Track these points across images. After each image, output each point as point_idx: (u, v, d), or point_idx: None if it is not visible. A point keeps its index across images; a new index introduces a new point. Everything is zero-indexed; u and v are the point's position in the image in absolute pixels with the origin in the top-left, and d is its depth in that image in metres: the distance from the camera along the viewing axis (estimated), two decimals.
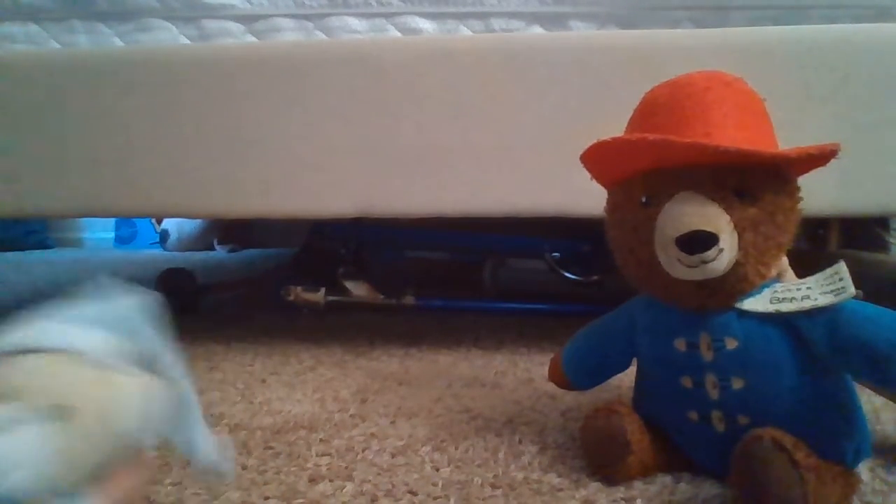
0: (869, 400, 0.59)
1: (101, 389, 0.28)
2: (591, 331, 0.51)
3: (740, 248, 0.39)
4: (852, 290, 0.38)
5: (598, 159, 0.43)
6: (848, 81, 0.67)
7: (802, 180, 0.42)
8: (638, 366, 0.48)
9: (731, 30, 0.70)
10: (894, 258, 1.59)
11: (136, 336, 0.29)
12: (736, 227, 0.38)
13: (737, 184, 0.39)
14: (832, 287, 0.38)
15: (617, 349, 0.49)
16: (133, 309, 0.29)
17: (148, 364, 0.29)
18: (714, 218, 0.38)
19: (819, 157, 0.39)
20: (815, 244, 1.66)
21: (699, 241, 0.37)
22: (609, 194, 0.46)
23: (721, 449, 0.40)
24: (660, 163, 0.40)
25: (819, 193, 0.66)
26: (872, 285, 0.43)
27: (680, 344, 0.42)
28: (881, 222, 1.60)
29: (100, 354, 0.28)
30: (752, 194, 0.39)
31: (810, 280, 0.40)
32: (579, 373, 0.51)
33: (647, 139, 0.38)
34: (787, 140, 0.41)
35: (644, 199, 0.41)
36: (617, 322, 0.49)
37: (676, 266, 0.39)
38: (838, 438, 0.39)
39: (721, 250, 0.38)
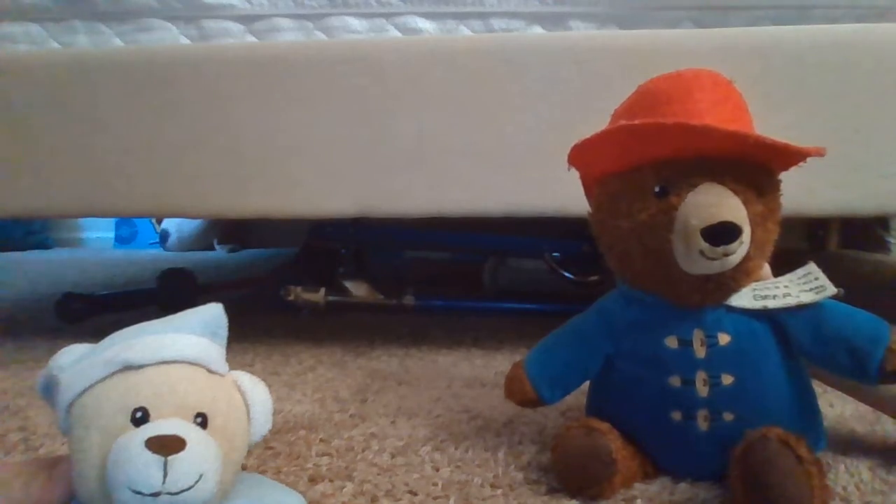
0: None
1: (223, 395, 0.31)
2: (560, 338, 0.47)
3: (751, 242, 0.39)
4: (833, 288, 0.39)
5: (601, 148, 0.41)
6: (848, 81, 0.67)
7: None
8: (604, 369, 0.45)
9: (731, 30, 0.70)
10: (894, 258, 1.59)
11: (218, 337, 0.34)
12: (750, 221, 0.38)
13: (752, 178, 0.39)
14: (811, 286, 0.40)
15: (591, 353, 0.45)
16: (213, 314, 0.34)
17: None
18: (737, 210, 0.38)
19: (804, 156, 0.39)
20: (815, 244, 1.66)
21: (726, 233, 0.37)
22: (601, 185, 0.44)
23: (701, 449, 0.40)
24: (678, 152, 0.39)
25: (819, 193, 0.67)
26: (873, 285, 0.43)
27: (671, 342, 0.41)
28: (881, 222, 1.60)
29: (209, 360, 0.32)
30: (761, 190, 0.39)
31: (784, 279, 0.41)
32: (554, 385, 0.46)
33: (687, 124, 0.37)
34: (785, 140, 0.41)
35: (657, 189, 0.39)
36: (588, 324, 0.46)
37: (696, 258, 0.38)
38: (813, 429, 0.41)
39: (742, 243, 0.38)
